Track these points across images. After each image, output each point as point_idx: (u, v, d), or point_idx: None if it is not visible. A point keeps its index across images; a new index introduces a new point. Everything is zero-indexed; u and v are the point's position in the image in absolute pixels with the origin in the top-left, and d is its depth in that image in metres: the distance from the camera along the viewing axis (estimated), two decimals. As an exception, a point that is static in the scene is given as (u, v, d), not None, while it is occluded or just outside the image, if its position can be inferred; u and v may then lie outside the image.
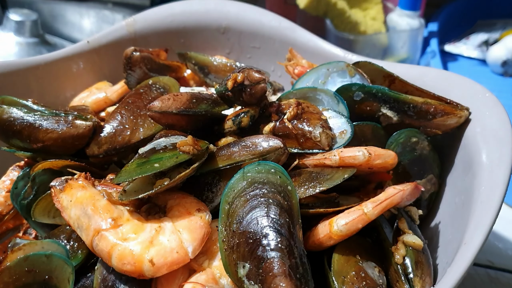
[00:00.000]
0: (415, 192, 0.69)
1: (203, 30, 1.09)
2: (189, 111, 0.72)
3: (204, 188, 0.69)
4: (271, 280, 0.57)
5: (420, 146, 0.79)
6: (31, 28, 1.44)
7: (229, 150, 0.69)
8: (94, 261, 0.67)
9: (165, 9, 1.09)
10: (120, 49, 0.96)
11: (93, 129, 0.79)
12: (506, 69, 1.60)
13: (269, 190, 0.62)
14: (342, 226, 0.64)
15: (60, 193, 0.69)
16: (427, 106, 0.76)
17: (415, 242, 0.67)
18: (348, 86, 0.79)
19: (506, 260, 0.95)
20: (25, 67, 0.95)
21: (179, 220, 0.63)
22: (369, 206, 0.65)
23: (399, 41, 1.55)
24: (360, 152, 0.70)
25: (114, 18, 1.60)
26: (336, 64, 0.84)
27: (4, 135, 0.80)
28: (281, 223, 0.60)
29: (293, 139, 0.73)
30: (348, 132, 0.73)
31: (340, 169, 0.69)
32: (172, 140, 0.69)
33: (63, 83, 1.00)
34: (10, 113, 0.79)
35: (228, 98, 0.75)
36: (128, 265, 0.60)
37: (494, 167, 0.67)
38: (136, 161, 0.66)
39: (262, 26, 1.06)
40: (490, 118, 0.73)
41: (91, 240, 0.63)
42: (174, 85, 0.87)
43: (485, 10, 1.83)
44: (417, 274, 0.65)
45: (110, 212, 0.64)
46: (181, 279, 0.62)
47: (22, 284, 0.62)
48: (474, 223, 0.63)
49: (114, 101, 0.95)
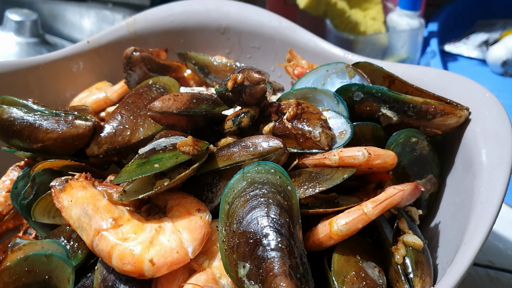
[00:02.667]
0: (415, 192, 0.69)
1: (203, 30, 1.09)
2: (190, 111, 0.72)
3: (204, 188, 0.69)
4: (271, 280, 0.57)
5: (420, 146, 0.79)
6: (31, 28, 1.44)
7: (229, 150, 0.69)
8: (94, 261, 0.68)
9: (165, 9, 1.09)
10: (120, 49, 0.96)
11: (93, 129, 0.79)
12: (506, 69, 1.60)
13: (269, 190, 0.62)
14: (342, 226, 0.64)
15: (60, 193, 0.69)
16: (427, 106, 0.76)
17: (415, 242, 0.67)
18: (348, 87, 0.79)
19: (506, 260, 0.95)
20: (25, 67, 0.95)
21: (179, 220, 0.63)
22: (369, 206, 0.65)
23: (399, 41, 1.55)
24: (359, 152, 0.70)
25: (114, 18, 1.60)
26: (336, 65, 0.84)
27: (4, 135, 0.80)
28: (281, 223, 0.60)
29: (293, 139, 0.73)
30: (348, 132, 0.73)
31: (340, 169, 0.69)
32: (172, 141, 0.69)
33: (63, 83, 1.00)
34: (10, 113, 0.79)
35: (228, 98, 0.75)
36: (128, 265, 0.60)
37: (494, 167, 0.67)
38: (136, 161, 0.66)
39: (262, 26, 1.06)
40: (490, 118, 0.73)
41: (91, 240, 0.63)
42: (174, 85, 0.87)
43: (485, 10, 1.83)
44: (417, 274, 0.65)
45: (110, 212, 0.64)
46: (181, 279, 0.62)
47: (22, 284, 0.62)
48: (474, 223, 0.63)
49: (114, 101, 0.95)
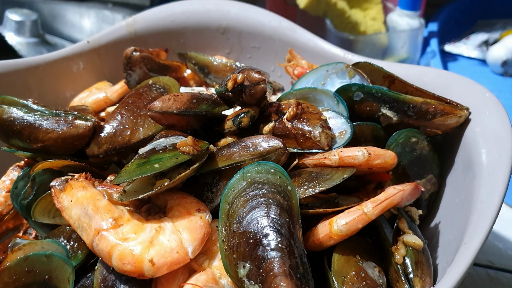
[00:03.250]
0: (415, 192, 0.69)
1: (203, 30, 1.09)
2: (190, 111, 0.72)
3: (204, 188, 0.69)
4: (271, 280, 0.56)
5: (420, 146, 0.79)
6: (31, 28, 1.44)
7: (229, 150, 0.69)
8: (94, 261, 0.68)
9: (165, 9, 1.09)
10: (120, 49, 0.96)
11: (93, 129, 0.79)
12: (506, 69, 1.60)
13: (269, 190, 0.62)
14: (342, 226, 0.64)
15: (60, 193, 0.69)
16: (427, 106, 0.76)
17: (415, 242, 0.67)
18: (348, 87, 0.79)
19: (506, 260, 0.95)
20: (25, 67, 0.95)
21: (179, 220, 0.63)
22: (369, 206, 0.65)
23: (399, 41, 1.55)
24: (359, 152, 0.70)
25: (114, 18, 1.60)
26: (335, 65, 0.84)
27: (4, 135, 0.80)
28: (281, 223, 0.60)
29: (293, 139, 0.73)
30: (348, 132, 0.73)
31: (340, 169, 0.69)
32: (172, 141, 0.69)
33: (63, 83, 1.00)
34: (10, 113, 0.79)
35: (228, 98, 0.75)
36: (128, 265, 0.60)
37: (494, 167, 0.67)
38: (136, 161, 0.66)
39: (262, 26, 1.06)
40: (490, 118, 0.73)
41: (91, 240, 0.63)
42: (174, 85, 0.87)
43: (485, 10, 1.83)
44: (417, 274, 0.65)
45: (110, 212, 0.64)
46: (181, 279, 0.62)
47: (22, 284, 0.62)
48: (474, 223, 0.63)
49: (114, 101, 0.95)
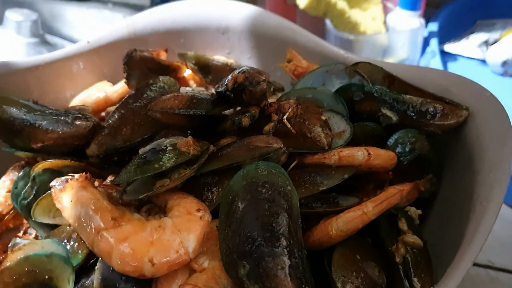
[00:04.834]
0: (414, 192, 0.70)
1: (203, 30, 1.09)
2: (190, 111, 0.72)
3: (204, 188, 0.69)
4: (271, 280, 0.56)
5: (420, 146, 0.78)
6: (31, 28, 1.44)
7: (229, 150, 0.69)
8: (94, 261, 0.67)
9: (165, 9, 1.09)
10: (120, 49, 0.96)
11: (93, 129, 0.79)
12: (506, 69, 1.59)
13: (268, 190, 0.62)
14: (342, 226, 0.64)
15: (60, 193, 0.69)
16: (427, 106, 0.76)
17: (415, 242, 0.67)
18: (348, 87, 0.79)
19: (506, 260, 0.95)
20: (25, 67, 0.95)
21: (179, 220, 0.63)
22: (369, 206, 0.65)
23: (399, 41, 1.55)
24: (359, 152, 0.70)
25: (114, 18, 1.59)
26: (335, 66, 0.84)
27: (4, 135, 0.80)
28: (281, 223, 0.60)
29: (293, 139, 0.73)
30: (348, 132, 0.73)
31: (340, 169, 0.69)
32: (172, 141, 0.69)
33: (63, 83, 1.00)
34: (10, 113, 0.79)
35: (228, 98, 0.75)
36: (128, 265, 0.60)
37: (494, 167, 0.67)
38: (136, 161, 0.66)
39: (262, 26, 1.06)
40: (490, 118, 0.73)
41: (91, 240, 0.63)
42: (174, 85, 0.87)
43: (485, 10, 1.83)
44: (417, 274, 0.65)
45: (110, 212, 0.64)
46: (181, 279, 0.62)
47: (22, 284, 0.62)
48: (474, 223, 0.63)
49: (114, 101, 0.95)
